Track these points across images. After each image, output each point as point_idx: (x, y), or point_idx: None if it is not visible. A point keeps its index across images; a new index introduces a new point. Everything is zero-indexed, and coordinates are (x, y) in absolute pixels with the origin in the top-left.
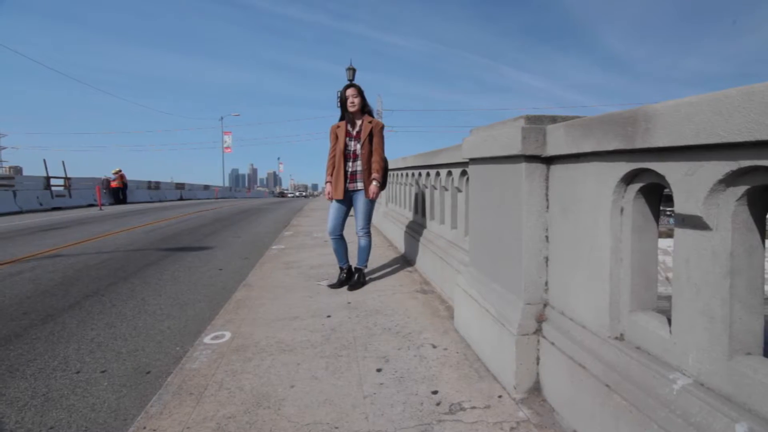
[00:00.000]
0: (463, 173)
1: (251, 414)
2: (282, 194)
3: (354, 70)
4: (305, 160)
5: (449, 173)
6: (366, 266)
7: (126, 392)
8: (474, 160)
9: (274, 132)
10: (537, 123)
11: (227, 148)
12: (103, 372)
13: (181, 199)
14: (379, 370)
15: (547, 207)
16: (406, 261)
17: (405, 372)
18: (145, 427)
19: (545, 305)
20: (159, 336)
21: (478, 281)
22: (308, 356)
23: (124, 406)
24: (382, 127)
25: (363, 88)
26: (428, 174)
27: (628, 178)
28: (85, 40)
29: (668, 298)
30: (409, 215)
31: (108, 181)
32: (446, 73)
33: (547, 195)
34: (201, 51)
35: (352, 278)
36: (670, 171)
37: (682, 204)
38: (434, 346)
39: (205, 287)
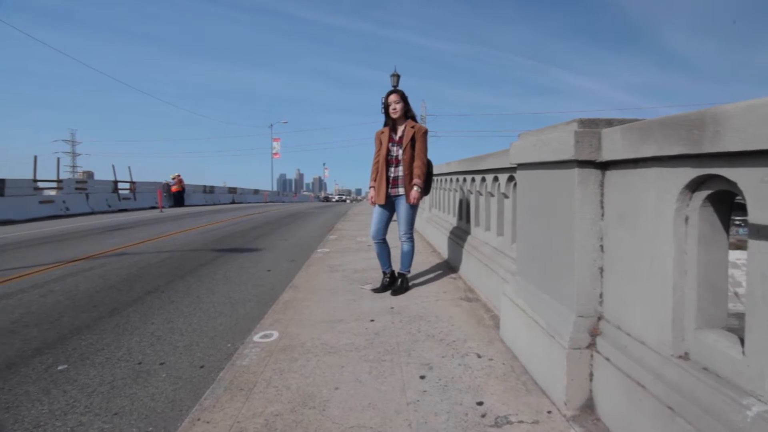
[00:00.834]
0: (511, 179)
1: (297, 413)
2: (327, 199)
3: (398, 76)
4: (350, 165)
5: (495, 179)
6: (409, 271)
7: (182, 384)
8: (522, 166)
9: (320, 138)
10: (591, 126)
11: (276, 153)
12: (161, 364)
13: (233, 202)
14: (422, 377)
15: (602, 215)
16: (449, 267)
17: (449, 380)
18: (199, 419)
19: (599, 318)
20: (212, 332)
21: (526, 291)
22: (352, 359)
23: (180, 397)
24: (425, 132)
25: (407, 93)
26: (473, 179)
27: (694, 185)
28: (146, 54)
29: (738, 315)
30: (452, 221)
31: (168, 185)
32: (491, 77)
33: (602, 202)
34: (251, 62)
35: (395, 283)
36: (743, 177)
37: (757, 213)
38: (479, 356)
39: (254, 287)
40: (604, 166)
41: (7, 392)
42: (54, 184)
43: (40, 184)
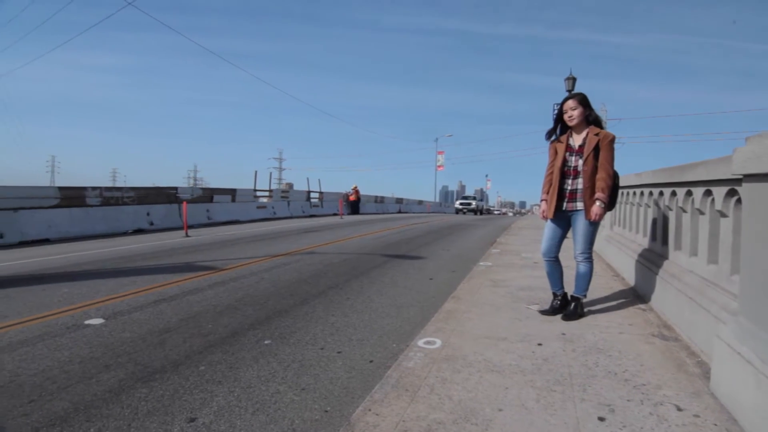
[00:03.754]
0: (731, 193)
1: (459, 426)
2: (488, 211)
3: (574, 80)
4: (514, 177)
5: (707, 192)
6: (585, 296)
7: (354, 374)
8: (752, 177)
9: (484, 149)
10: None
11: (440, 166)
12: (339, 353)
13: (399, 212)
14: (601, 419)
15: None
16: (636, 296)
17: (637, 430)
18: (370, 410)
19: None
20: (380, 331)
21: (755, 337)
22: (517, 382)
23: (352, 385)
24: (612, 139)
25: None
26: (674, 193)
27: None
28: (329, 81)
29: None
30: (641, 241)
31: (347, 195)
32: (695, 69)
33: None
34: (418, 80)
35: (567, 307)
36: None
37: None
38: (679, 408)
39: (417, 294)
40: None
41: (231, 355)
42: (266, 193)
43: (258, 193)
